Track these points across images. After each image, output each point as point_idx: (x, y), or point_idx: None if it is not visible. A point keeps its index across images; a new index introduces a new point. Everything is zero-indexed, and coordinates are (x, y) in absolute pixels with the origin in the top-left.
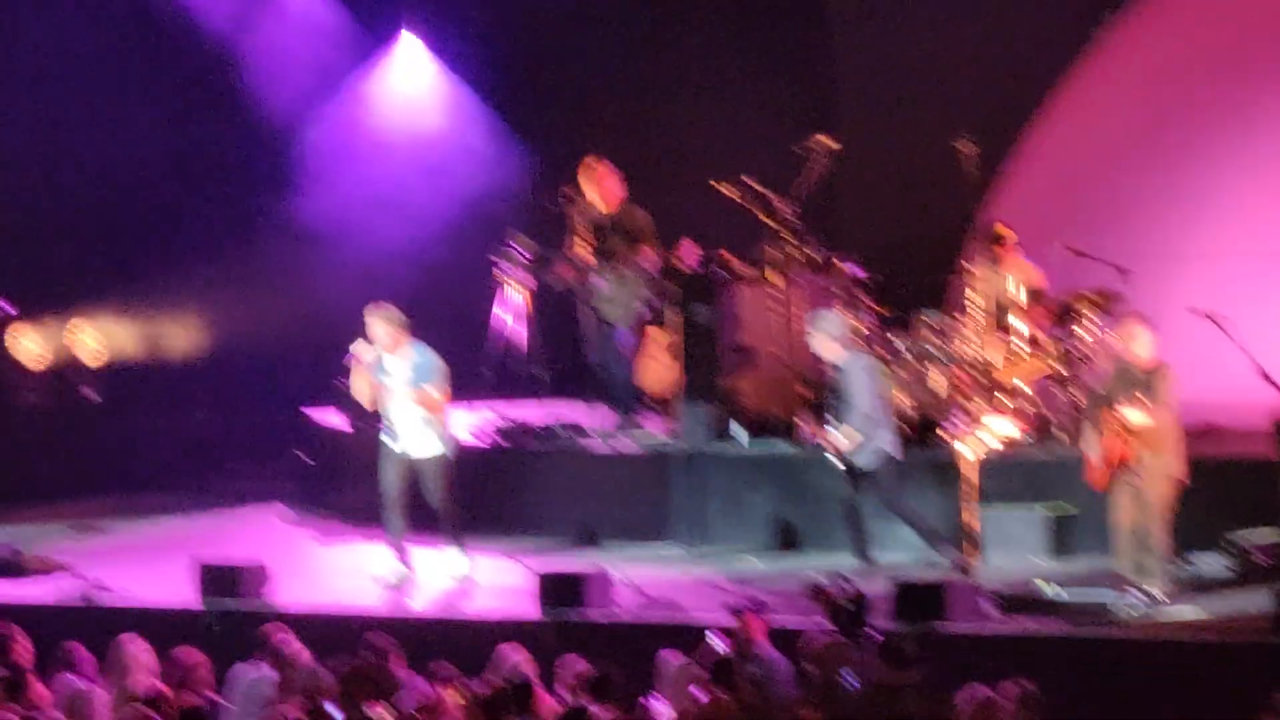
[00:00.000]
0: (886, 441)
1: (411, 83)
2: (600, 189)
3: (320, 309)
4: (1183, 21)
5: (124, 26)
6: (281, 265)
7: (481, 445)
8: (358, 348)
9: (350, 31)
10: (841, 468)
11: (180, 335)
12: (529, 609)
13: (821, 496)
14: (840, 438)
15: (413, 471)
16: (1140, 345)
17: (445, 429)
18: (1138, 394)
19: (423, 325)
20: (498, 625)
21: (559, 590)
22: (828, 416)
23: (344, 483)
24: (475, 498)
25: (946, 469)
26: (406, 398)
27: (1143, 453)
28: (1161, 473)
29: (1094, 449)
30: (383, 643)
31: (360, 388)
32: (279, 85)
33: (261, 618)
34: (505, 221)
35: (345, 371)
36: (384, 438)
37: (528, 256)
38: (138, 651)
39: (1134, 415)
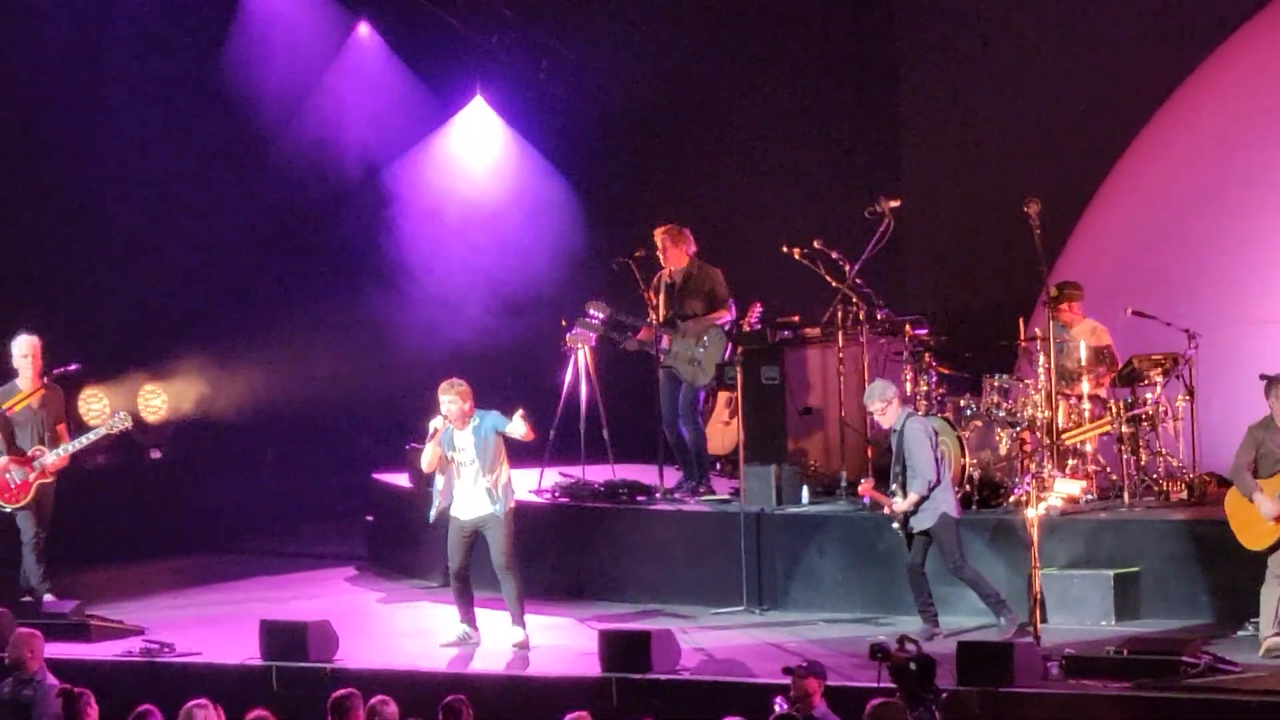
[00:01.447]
0: (947, 503)
1: (482, 148)
2: (674, 250)
3: (391, 372)
4: (1252, 83)
5: (188, 92)
6: (353, 329)
7: (541, 503)
8: (437, 423)
9: (423, 95)
10: (901, 532)
11: (252, 396)
12: (592, 669)
13: (886, 559)
14: (899, 501)
15: (477, 537)
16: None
17: (508, 492)
18: None
19: (491, 390)
20: (560, 685)
21: (623, 650)
22: (893, 484)
23: (412, 545)
24: (536, 557)
25: (1011, 530)
26: (475, 468)
27: None
28: None
29: (1268, 508)
30: (459, 706)
31: (430, 459)
32: (350, 151)
33: (325, 676)
34: (574, 286)
35: (416, 437)
36: (450, 507)
37: (602, 320)
38: (208, 716)
39: None
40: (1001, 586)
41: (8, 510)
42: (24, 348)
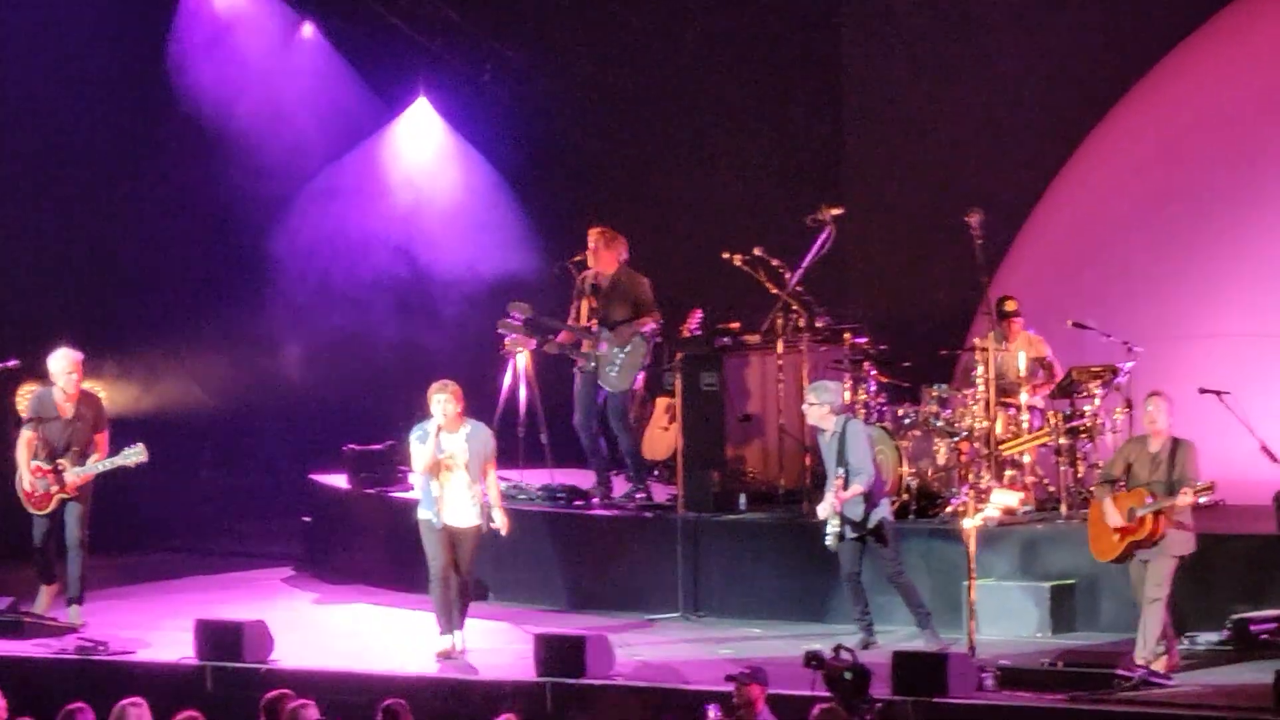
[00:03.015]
0: (885, 508)
1: (425, 149)
2: (606, 253)
3: (327, 372)
4: (1193, 97)
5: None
6: (289, 328)
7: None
8: (436, 423)
9: (367, 96)
10: (839, 534)
11: (187, 396)
12: (528, 673)
13: (822, 567)
14: (831, 502)
15: (453, 541)
16: (1165, 419)
17: (495, 497)
18: (1162, 470)
19: (425, 388)
20: (496, 688)
21: (557, 655)
22: (830, 487)
23: (349, 546)
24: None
25: (948, 540)
26: (462, 474)
27: (1170, 529)
28: (1182, 548)
29: (1114, 520)
30: (398, 709)
31: (427, 461)
32: (292, 151)
33: (260, 677)
34: (514, 288)
35: (354, 438)
36: (426, 512)
37: (522, 321)
38: (141, 715)
39: (1185, 498)
40: (937, 597)
41: (42, 514)
42: (66, 363)
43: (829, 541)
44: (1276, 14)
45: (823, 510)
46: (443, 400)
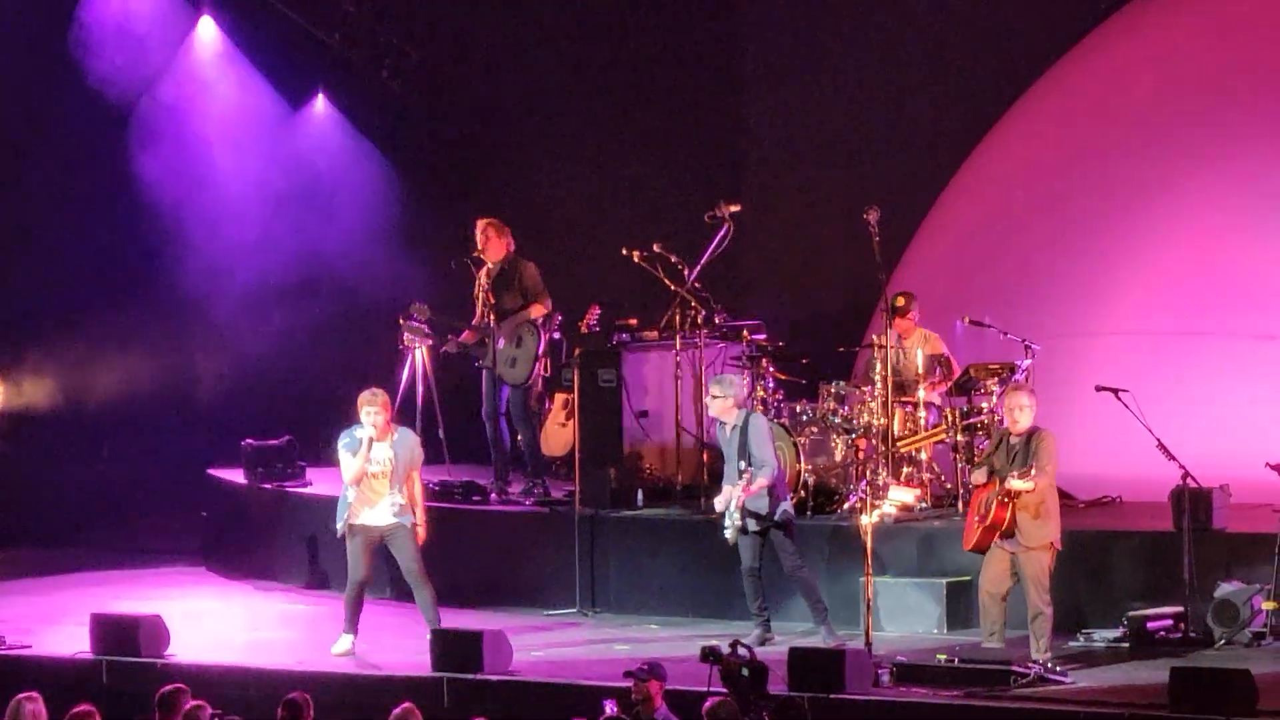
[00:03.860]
0: (785, 503)
1: (324, 145)
2: (495, 244)
3: (226, 368)
4: (1092, 95)
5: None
6: (188, 323)
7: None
8: (367, 433)
9: (265, 92)
10: (740, 527)
11: (87, 390)
12: (424, 668)
13: (719, 563)
14: (729, 495)
15: (383, 547)
16: (1021, 413)
17: (419, 509)
18: (1017, 461)
19: (325, 387)
20: (391, 683)
21: (455, 650)
22: (729, 481)
23: (247, 542)
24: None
25: (845, 537)
26: (387, 481)
27: (1022, 517)
28: (1040, 539)
29: (978, 475)
30: (301, 702)
31: (357, 472)
32: (190, 147)
33: (156, 672)
34: (415, 285)
35: (252, 434)
36: (351, 518)
37: (423, 322)
38: (36, 709)
39: (1017, 483)
40: (834, 594)
41: None
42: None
43: (728, 535)
44: (1172, 14)
45: (719, 503)
46: (372, 412)
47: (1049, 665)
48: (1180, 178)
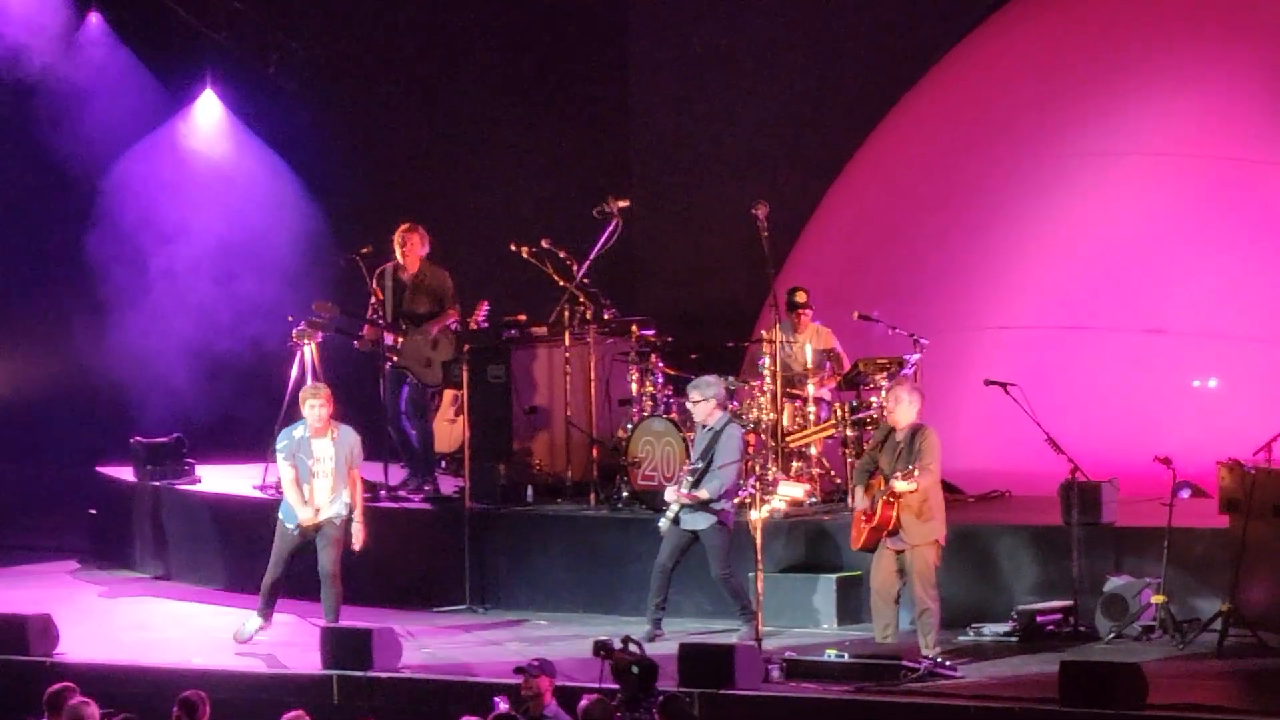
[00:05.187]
0: (726, 511)
1: (211, 141)
2: (414, 249)
3: (115, 364)
4: (979, 90)
5: None
6: (77, 319)
7: (264, 499)
8: (296, 432)
9: (153, 87)
10: (675, 518)
11: None
12: (314, 666)
13: (609, 559)
14: (677, 494)
15: (307, 545)
16: (902, 409)
17: (358, 509)
18: (901, 458)
19: (216, 384)
20: (281, 681)
21: (344, 648)
22: (688, 477)
23: (135, 539)
24: (262, 554)
25: (735, 532)
26: (325, 480)
27: (906, 517)
28: (925, 536)
29: (860, 505)
30: (197, 700)
31: (287, 479)
32: (77, 142)
33: (45, 670)
34: (303, 280)
35: (140, 430)
36: (281, 516)
37: (328, 320)
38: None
39: (899, 483)
40: (725, 589)
41: None
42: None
43: (660, 524)
44: (1051, 11)
45: (669, 494)
46: (316, 405)
47: (938, 660)
48: (1066, 172)
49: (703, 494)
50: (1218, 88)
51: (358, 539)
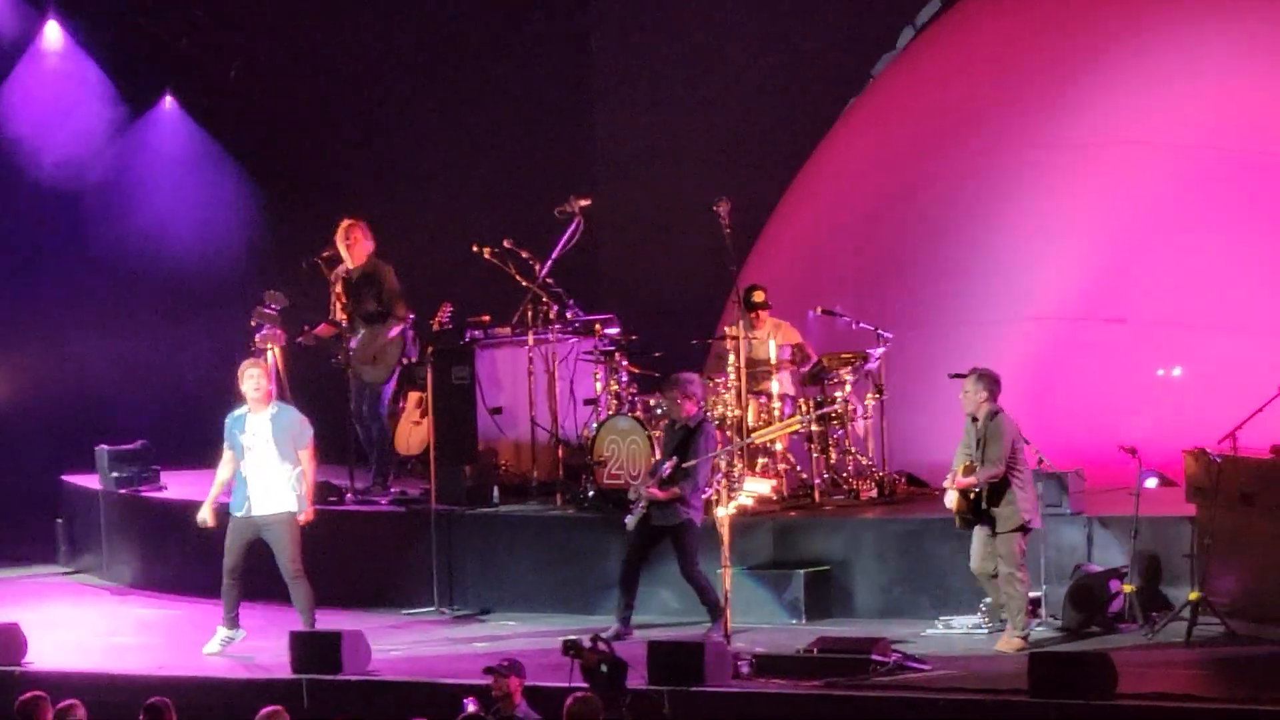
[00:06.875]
0: (696, 509)
1: (171, 148)
2: (358, 246)
3: (79, 371)
4: (942, 83)
5: None
6: (36, 330)
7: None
8: (241, 410)
9: (112, 95)
10: (643, 516)
11: None
12: (284, 670)
13: (576, 559)
14: (646, 491)
15: (256, 538)
16: (967, 398)
17: (305, 488)
18: (980, 446)
19: (177, 388)
20: (251, 686)
21: (314, 651)
22: (663, 473)
23: (103, 547)
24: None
25: (702, 529)
26: (267, 455)
27: (992, 505)
28: (1007, 523)
29: (951, 500)
30: (162, 707)
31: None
32: (36, 151)
33: (14, 679)
34: (261, 280)
35: (105, 438)
36: (230, 506)
37: (278, 310)
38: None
39: (960, 479)
40: (690, 586)
41: None
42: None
43: (628, 521)
44: (1017, 2)
45: (636, 491)
46: (256, 375)
47: (907, 653)
48: (1028, 163)
49: (675, 491)
50: (1182, 77)
51: (305, 515)
